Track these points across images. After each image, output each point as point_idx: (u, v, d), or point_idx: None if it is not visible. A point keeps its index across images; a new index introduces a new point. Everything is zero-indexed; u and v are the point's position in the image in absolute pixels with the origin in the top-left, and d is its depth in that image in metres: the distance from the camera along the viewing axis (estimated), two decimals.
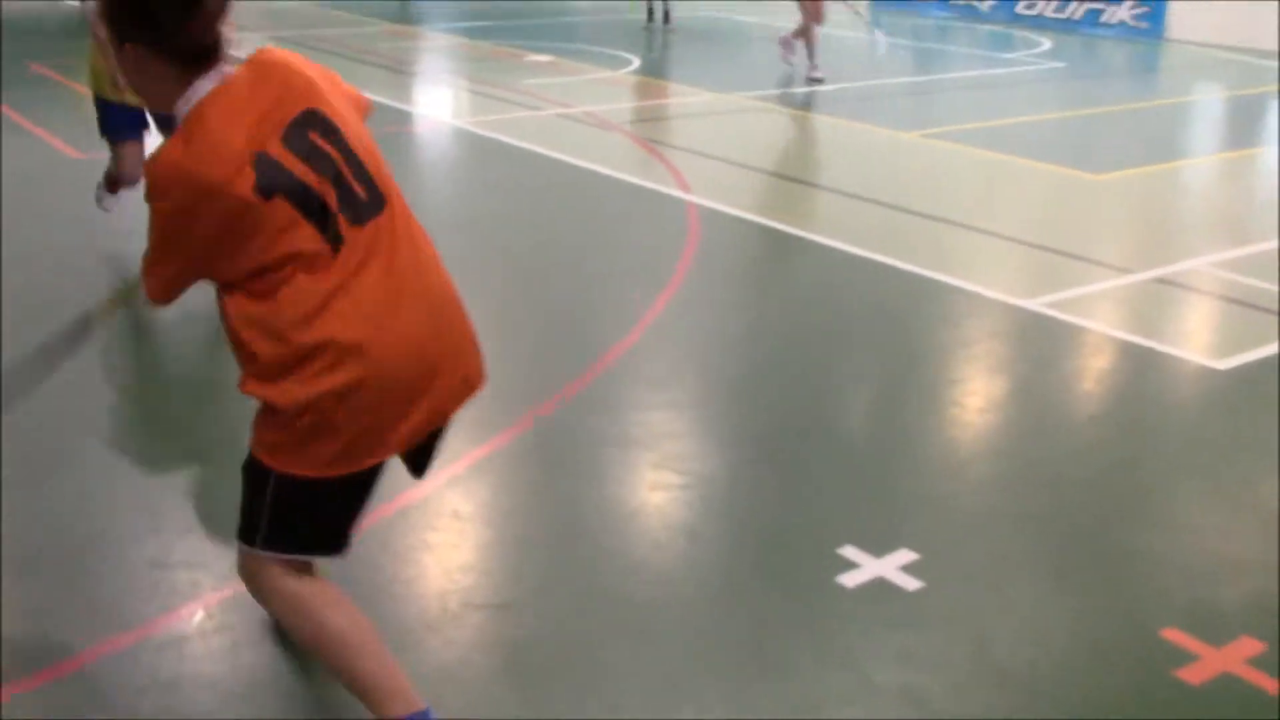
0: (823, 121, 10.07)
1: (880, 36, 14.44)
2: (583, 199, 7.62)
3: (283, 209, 2.16)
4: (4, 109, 9.57)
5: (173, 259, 2.26)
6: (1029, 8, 17.63)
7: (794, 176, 8.12)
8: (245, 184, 2.12)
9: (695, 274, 6.01)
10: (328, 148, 2.24)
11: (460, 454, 3.93)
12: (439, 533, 3.54)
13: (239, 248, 2.17)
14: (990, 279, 5.97)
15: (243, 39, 4.64)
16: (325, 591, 2.47)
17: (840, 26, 11.66)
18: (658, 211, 7.16)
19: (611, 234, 6.86)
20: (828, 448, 4.17)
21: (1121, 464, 4.07)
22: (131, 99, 5.17)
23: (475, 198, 7.80)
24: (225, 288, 2.27)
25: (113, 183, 6.11)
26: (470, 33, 15.26)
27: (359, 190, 2.27)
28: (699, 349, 5.18)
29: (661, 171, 7.95)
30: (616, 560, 3.41)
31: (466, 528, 3.61)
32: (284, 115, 2.21)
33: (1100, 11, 16.89)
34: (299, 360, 2.23)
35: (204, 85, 2.19)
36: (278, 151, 2.17)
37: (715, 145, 8.90)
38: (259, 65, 2.26)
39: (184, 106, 2.19)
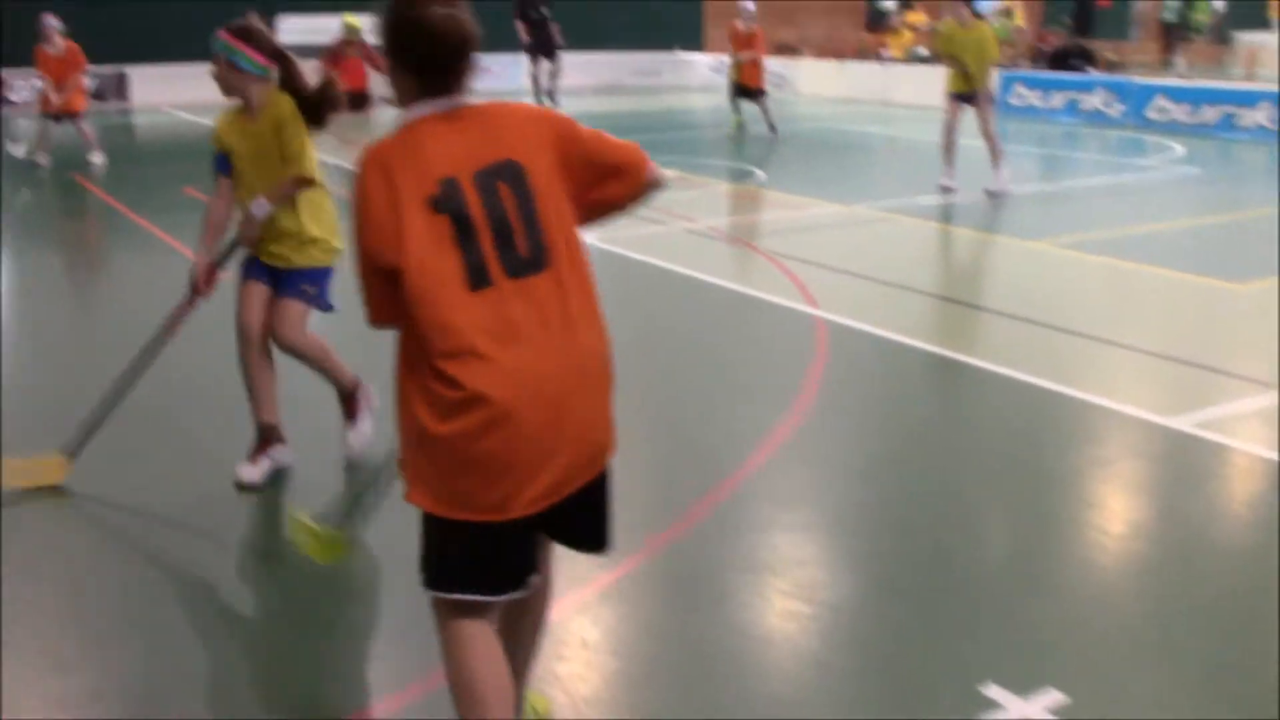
0: (952, 232, 10.00)
1: None
2: (709, 314, 7.64)
3: (443, 224, 2.42)
4: (159, 232, 10.04)
5: (361, 266, 2.50)
6: (1160, 113, 17.38)
7: (922, 289, 8.03)
8: (426, 191, 2.43)
9: (825, 392, 5.95)
10: (508, 199, 2.47)
11: (588, 579, 3.91)
12: (567, 662, 3.50)
13: (394, 250, 2.42)
14: (1130, 395, 5.79)
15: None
16: (475, 640, 2.55)
17: (970, 135, 11.61)
18: (785, 327, 7.14)
19: (738, 350, 6.85)
20: (965, 576, 4.04)
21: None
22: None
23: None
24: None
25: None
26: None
27: (521, 245, 2.46)
28: (829, 470, 5.11)
29: (787, 285, 7.95)
30: (744, 690, 3.33)
31: (594, 657, 3.57)
32: (485, 158, 2.48)
33: (1235, 115, 16.56)
34: (437, 399, 2.43)
35: (427, 107, 2.51)
36: (466, 183, 2.45)
37: (842, 258, 8.88)
38: (483, 110, 2.54)
39: (407, 115, 2.53)
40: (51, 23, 13.45)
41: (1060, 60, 21.54)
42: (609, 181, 2.61)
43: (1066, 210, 11.31)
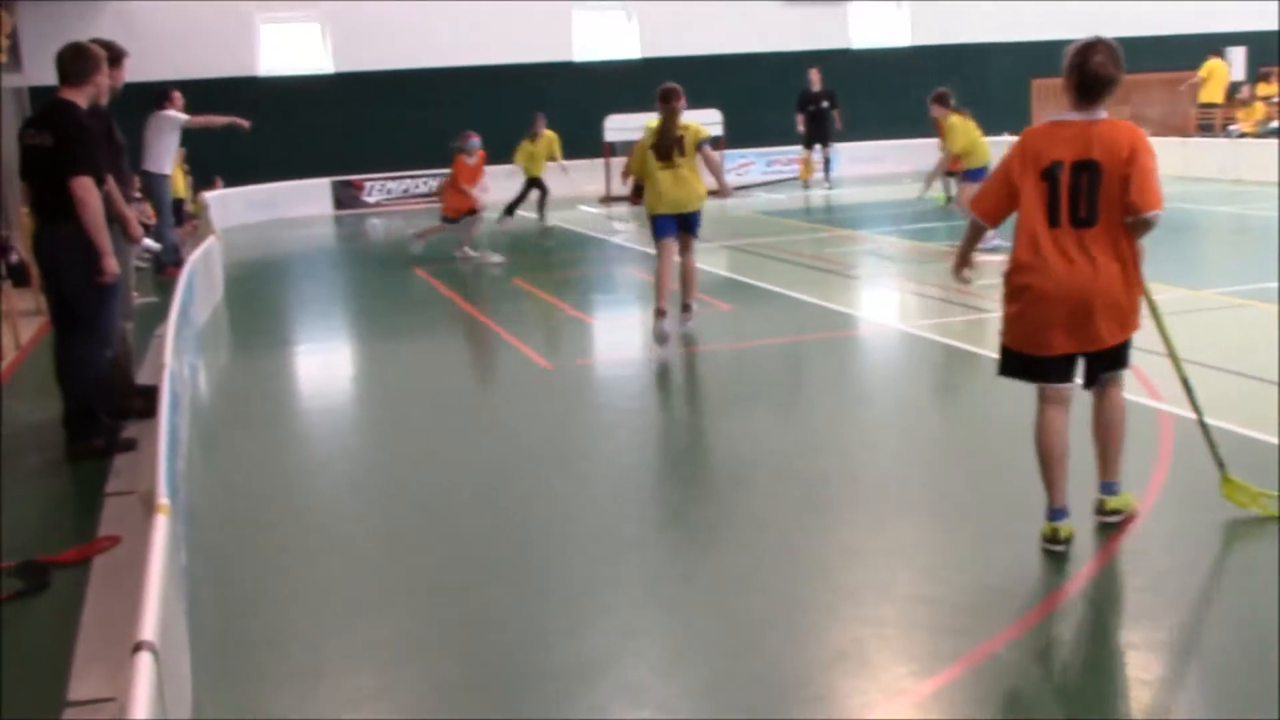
0: None
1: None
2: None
3: (1041, 186, 4.62)
4: (490, 323, 10.53)
5: (997, 180, 4.81)
6: None
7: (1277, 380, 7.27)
8: (1043, 162, 4.62)
9: (1170, 492, 5.43)
10: (1084, 182, 4.56)
11: (907, 689, 3.65)
12: None
13: (1017, 186, 4.69)
14: None
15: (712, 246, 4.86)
16: (1052, 419, 4.80)
17: None
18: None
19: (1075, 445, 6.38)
20: None
21: None
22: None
23: (922, 402, 7.58)
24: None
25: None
26: (912, 234, 15.24)
27: (1083, 209, 4.57)
28: (1175, 577, 4.61)
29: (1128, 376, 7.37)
30: None
31: None
32: (1079, 153, 4.58)
33: None
34: (1015, 268, 4.69)
35: (1065, 115, 4.69)
36: (1065, 165, 4.58)
37: (1189, 348, 8.18)
38: (1092, 125, 4.61)
39: (1055, 116, 4.75)
40: (475, 141, 14.79)
41: None
42: (1128, 201, 4.52)
43: None
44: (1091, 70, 4.53)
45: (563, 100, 22.97)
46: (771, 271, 12.66)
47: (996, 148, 11.06)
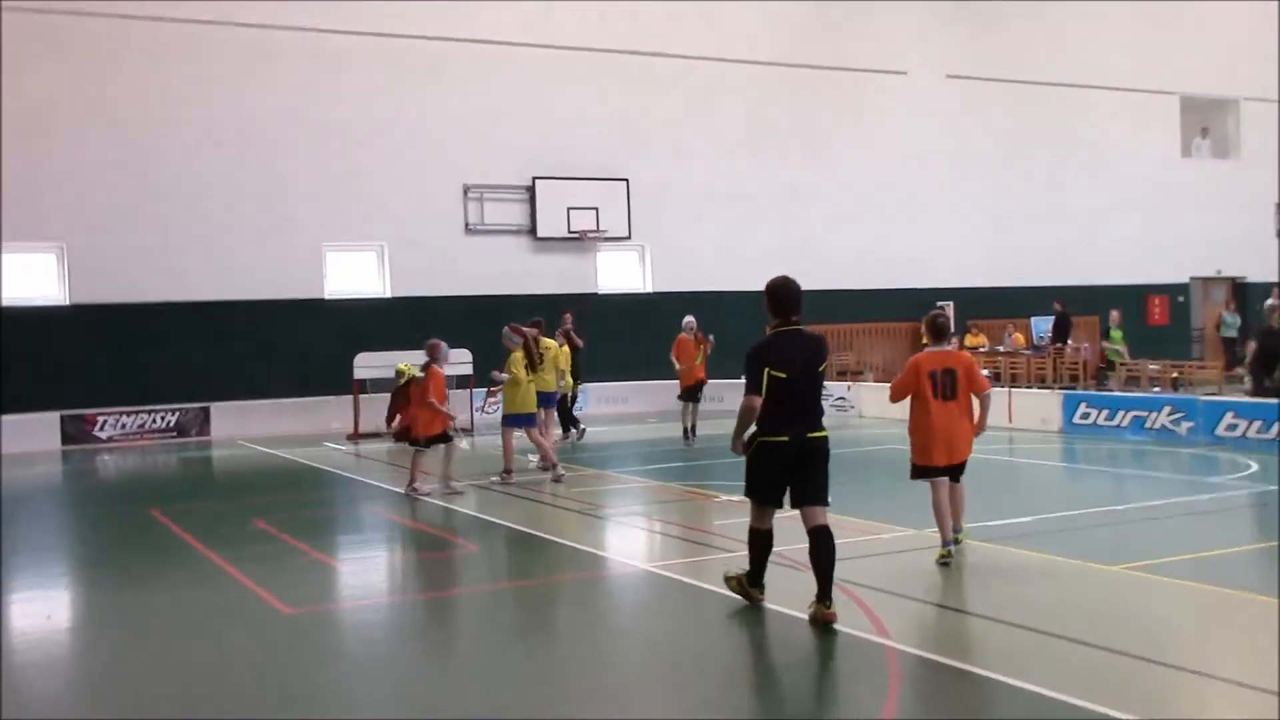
0: (1023, 556, 9.74)
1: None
2: (780, 648, 7.45)
3: (928, 382, 9.34)
4: (226, 565, 10.12)
5: (903, 385, 9.57)
6: (1230, 429, 17.26)
7: (997, 617, 7.77)
8: (926, 370, 9.39)
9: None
10: (945, 379, 9.35)
11: None
12: None
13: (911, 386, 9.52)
14: None
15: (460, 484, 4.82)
16: (940, 493, 9.54)
17: (1035, 454, 11.53)
18: (855, 658, 6.92)
19: (806, 684, 6.61)
20: None
21: None
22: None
23: (669, 646, 7.70)
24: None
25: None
26: (659, 474, 15.64)
27: (947, 390, 9.35)
28: None
29: (858, 615, 7.74)
30: None
31: None
32: (944, 365, 9.39)
33: None
34: (913, 433, 9.62)
35: (931, 349, 9.61)
36: (939, 373, 9.36)
37: (914, 585, 8.68)
38: (947, 354, 9.50)
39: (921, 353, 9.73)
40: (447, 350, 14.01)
41: None
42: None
43: (1140, 532, 11.04)
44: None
45: (312, 337, 22.90)
46: (519, 510, 12.74)
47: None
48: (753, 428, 7.75)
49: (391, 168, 24.01)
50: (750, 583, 8.14)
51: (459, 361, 19.84)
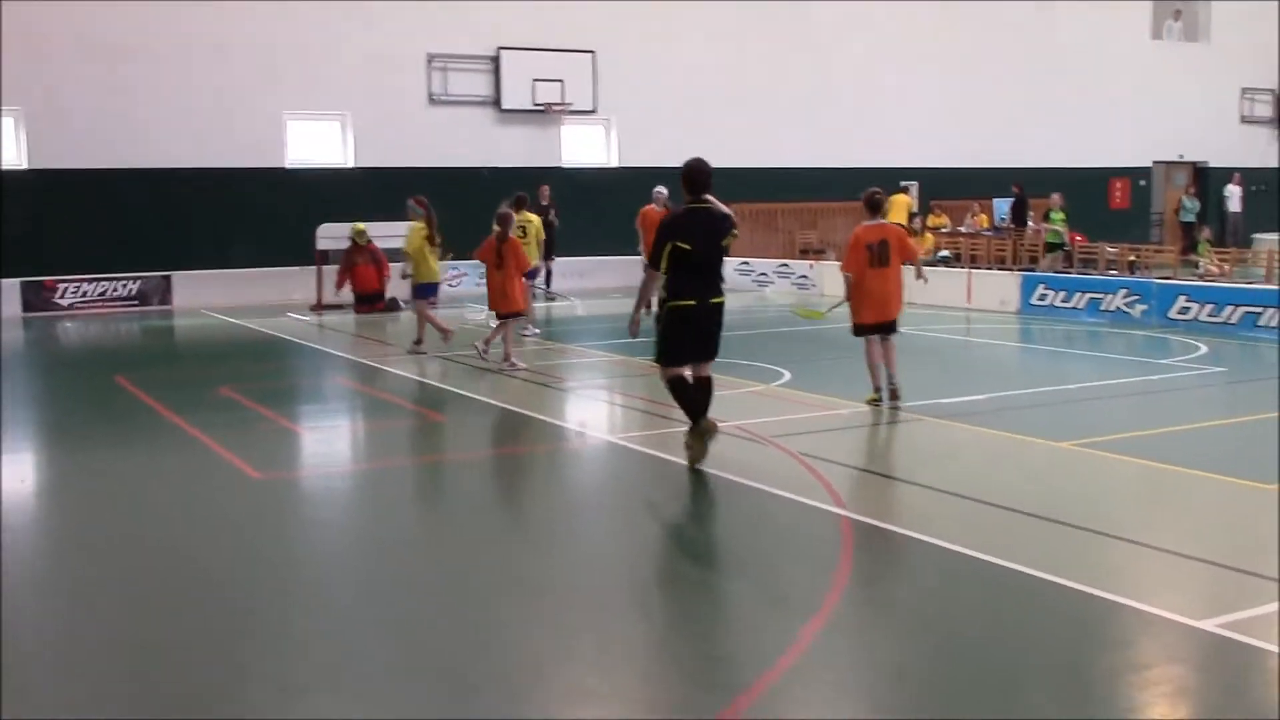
0: (976, 433, 10.03)
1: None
2: (735, 515, 7.68)
3: (865, 253, 10.72)
4: (194, 431, 10.23)
5: (852, 257, 10.96)
6: (1182, 313, 17.58)
7: (948, 490, 8.04)
8: (864, 241, 10.74)
9: (849, 597, 5.92)
10: (879, 246, 10.73)
11: None
12: None
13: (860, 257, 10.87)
14: (1162, 598, 5.74)
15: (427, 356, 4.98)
16: (873, 349, 11.01)
17: (993, 337, 11.73)
18: (810, 528, 7.16)
19: (760, 551, 6.86)
20: None
21: None
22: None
23: (631, 514, 7.92)
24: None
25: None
26: (624, 349, 15.79)
27: (881, 258, 10.73)
28: (853, 684, 5.04)
29: (815, 486, 7.98)
30: None
31: None
32: (879, 237, 10.79)
33: (1258, 315, 16.72)
34: (850, 297, 11.11)
35: (867, 223, 10.90)
36: (875, 244, 10.73)
37: (869, 458, 8.93)
38: (881, 226, 10.99)
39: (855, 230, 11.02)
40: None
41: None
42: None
43: (1093, 411, 11.34)
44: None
45: (273, 207, 22.68)
46: (487, 384, 12.90)
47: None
48: (661, 293, 8.41)
49: (354, 35, 23.54)
50: (694, 427, 8.53)
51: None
